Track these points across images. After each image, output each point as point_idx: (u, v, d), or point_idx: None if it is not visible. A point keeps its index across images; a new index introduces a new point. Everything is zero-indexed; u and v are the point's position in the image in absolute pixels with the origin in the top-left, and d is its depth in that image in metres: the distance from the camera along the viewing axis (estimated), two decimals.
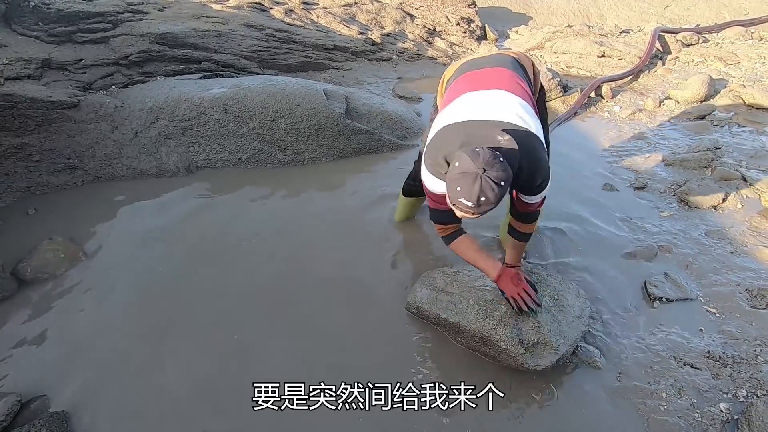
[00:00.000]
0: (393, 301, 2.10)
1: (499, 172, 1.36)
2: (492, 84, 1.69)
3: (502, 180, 1.36)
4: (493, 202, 1.38)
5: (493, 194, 1.36)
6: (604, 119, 3.91)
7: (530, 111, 1.66)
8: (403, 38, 5.36)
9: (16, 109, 2.79)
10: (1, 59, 3.04)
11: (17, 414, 1.59)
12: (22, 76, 3.05)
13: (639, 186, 2.93)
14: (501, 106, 1.60)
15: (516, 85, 1.71)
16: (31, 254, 2.26)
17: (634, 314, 2.06)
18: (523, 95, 1.69)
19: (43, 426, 1.50)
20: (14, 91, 2.81)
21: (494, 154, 1.38)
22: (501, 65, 1.80)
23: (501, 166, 1.37)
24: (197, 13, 4.33)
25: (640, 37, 5.22)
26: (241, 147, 3.15)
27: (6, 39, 3.33)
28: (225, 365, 1.82)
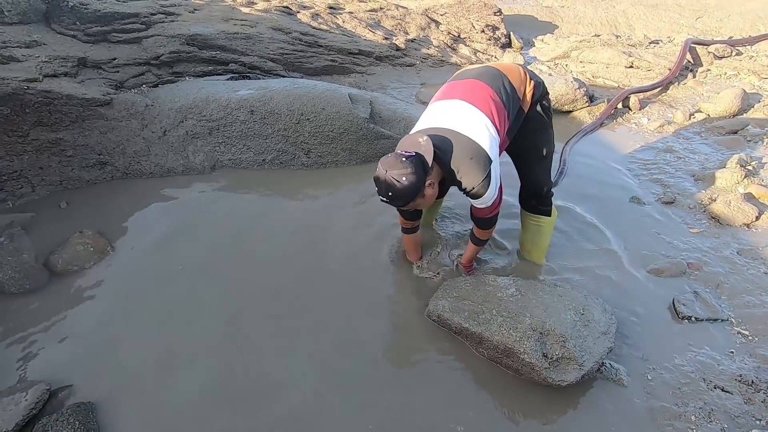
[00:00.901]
0: (413, 308, 2.09)
1: (399, 170, 1.60)
2: (457, 94, 1.84)
3: (403, 176, 1.60)
4: (402, 195, 1.62)
5: (395, 187, 1.61)
6: (632, 131, 3.83)
7: (485, 124, 1.75)
8: (428, 44, 5.37)
9: (53, 106, 2.88)
10: (41, 57, 3.15)
11: (46, 402, 1.63)
12: (59, 74, 3.15)
13: (667, 201, 2.86)
14: (453, 114, 1.78)
15: (483, 98, 1.80)
16: (63, 247, 2.32)
17: (661, 332, 2.00)
18: (485, 109, 1.78)
19: (70, 415, 1.53)
20: (52, 87, 2.90)
21: (398, 155, 1.63)
22: (480, 78, 1.87)
23: (402, 164, 1.60)
24: (226, 15, 4.42)
25: (670, 49, 5.12)
26: (266, 148, 3.19)
27: (45, 37, 3.45)
28: (243, 364, 1.84)
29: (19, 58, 3.01)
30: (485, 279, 2.07)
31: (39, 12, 3.63)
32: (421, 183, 1.64)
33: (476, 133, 1.72)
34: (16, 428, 1.54)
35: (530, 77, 1.96)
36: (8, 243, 2.19)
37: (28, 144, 2.83)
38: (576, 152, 3.40)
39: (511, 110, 1.88)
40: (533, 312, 1.81)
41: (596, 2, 7.01)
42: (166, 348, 1.90)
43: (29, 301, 2.10)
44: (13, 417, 1.54)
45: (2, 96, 2.68)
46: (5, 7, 3.34)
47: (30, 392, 1.61)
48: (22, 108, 2.77)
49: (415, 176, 1.61)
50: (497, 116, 1.80)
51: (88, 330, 1.97)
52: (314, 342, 1.94)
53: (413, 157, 1.63)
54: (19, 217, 2.57)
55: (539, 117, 2.01)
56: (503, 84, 1.87)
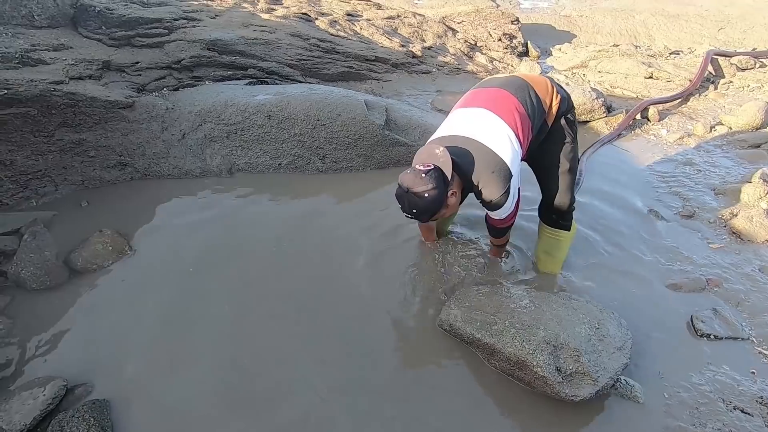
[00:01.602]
0: (425, 317, 2.08)
1: (420, 187, 1.62)
2: (480, 102, 1.82)
3: (425, 192, 1.62)
4: (426, 210, 1.66)
5: (418, 205, 1.65)
6: (650, 142, 3.78)
7: (509, 136, 1.74)
8: (444, 52, 5.38)
9: (77, 107, 2.96)
10: (67, 60, 3.24)
11: (62, 398, 1.66)
12: (84, 76, 3.23)
13: (686, 214, 2.81)
14: (475, 124, 1.77)
15: (507, 108, 1.78)
16: (83, 245, 2.38)
17: (679, 350, 1.96)
18: (509, 119, 1.76)
19: (86, 411, 1.56)
20: (77, 90, 2.99)
21: (417, 171, 1.64)
22: (505, 87, 1.85)
23: (423, 180, 1.62)
24: (246, 21, 4.50)
25: (691, 60, 5.04)
26: (282, 153, 3.23)
27: (72, 41, 3.56)
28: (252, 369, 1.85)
29: (47, 60, 3.11)
30: (498, 289, 2.05)
31: (67, 16, 3.74)
32: (443, 195, 1.66)
33: (499, 145, 1.71)
34: (34, 422, 1.57)
35: (557, 90, 1.94)
36: (31, 240, 2.25)
37: (53, 144, 2.91)
38: (593, 163, 3.37)
39: (536, 122, 1.86)
40: (547, 324, 1.79)
41: (615, 12, 6.96)
42: (178, 349, 1.92)
43: (49, 298, 2.15)
44: (30, 411, 1.58)
45: (30, 97, 2.76)
46: (35, 12, 3.45)
47: (48, 387, 1.65)
48: (48, 109, 2.85)
49: (437, 190, 1.63)
50: (521, 128, 1.78)
51: (104, 328, 2.01)
52: (322, 348, 1.94)
53: (432, 171, 1.64)
54: (42, 215, 2.64)
55: (563, 131, 1.98)
56: (529, 95, 1.85)
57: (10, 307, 2.11)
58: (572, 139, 2.02)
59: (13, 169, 2.79)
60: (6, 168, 2.76)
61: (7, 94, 2.69)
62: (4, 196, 2.75)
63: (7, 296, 2.16)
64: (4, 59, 2.87)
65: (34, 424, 1.57)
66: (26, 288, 2.18)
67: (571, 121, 2.00)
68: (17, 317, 2.05)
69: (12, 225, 2.53)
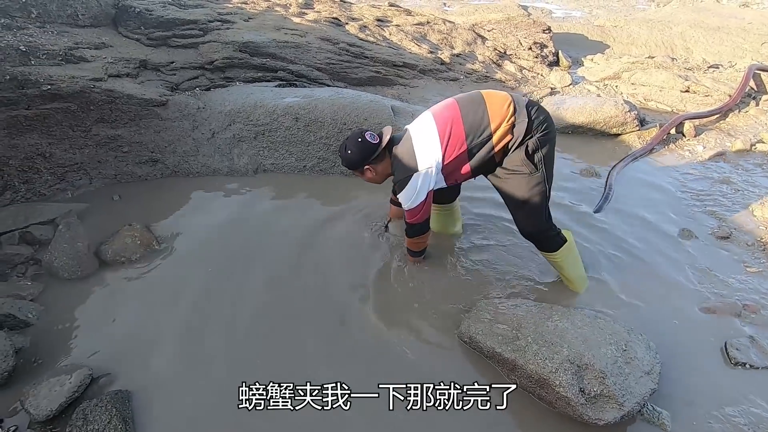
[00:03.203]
0: (445, 327, 2.05)
1: (351, 143, 2.07)
2: (432, 108, 2.08)
3: (349, 150, 2.07)
4: (343, 161, 2.14)
5: (343, 154, 2.11)
6: (685, 158, 3.65)
7: (433, 141, 1.95)
8: (473, 59, 5.35)
9: (114, 104, 3.07)
10: (107, 58, 3.36)
11: (87, 387, 1.71)
12: (122, 74, 3.35)
13: (722, 236, 2.69)
14: (418, 124, 2.06)
15: (445, 118, 1.96)
16: (113, 238, 2.45)
17: (711, 377, 1.87)
18: (441, 128, 1.95)
19: (109, 402, 1.60)
20: (115, 87, 3.09)
21: (362, 133, 2.07)
22: (459, 99, 2.02)
23: (356, 143, 2.05)
24: (278, 24, 4.58)
25: (731, 74, 4.86)
26: (308, 155, 3.26)
27: (113, 40, 3.69)
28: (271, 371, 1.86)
29: (88, 58, 3.23)
30: (521, 303, 2.01)
31: (109, 16, 3.89)
32: (359, 163, 2.07)
33: (421, 144, 1.98)
34: (60, 409, 1.61)
35: (514, 112, 1.87)
36: (65, 231, 2.33)
37: (90, 139, 3.02)
38: (623, 178, 3.27)
39: (473, 139, 1.92)
40: (571, 343, 1.74)
41: (652, 23, 6.77)
42: (197, 346, 1.94)
43: (79, 288, 2.22)
44: (57, 398, 1.62)
45: (71, 93, 2.88)
46: (80, 11, 3.60)
47: (74, 375, 1.69)
48: (87, 105, 2.96)
49: (356, 156, 2.06)
50: (449, 139, 1.94)
51: (127, 321, 2.06)
52: (339, 355, 1.93)
53: (366, 142, 2.03)
54: (76, 206, 2.74)
55: (518, 160, 1.92)
56: (476, 110, 1.92)
57: (43, 294, 2.19)
58: (531, 171, 1.93)
59: (52, 162, 2.90)
60: (45, 160, 2.87)
61: (50, 89, 2.80)
62: (42, 186, 2.86)
63: (41, 284, 2.24)
64: (49, 56, 3.00)
65: (60, 411, 1.62)
66: (58, 277, 2.25)
67: (534, 151, 1.90)
68: (49, 305, 2.13)
69: (48, 215, 2.63)
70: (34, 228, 2.52)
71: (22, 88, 2.73)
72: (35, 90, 2.76)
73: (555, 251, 2.12)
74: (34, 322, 2.02)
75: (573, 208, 2.88)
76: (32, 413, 1.58)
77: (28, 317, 2.01)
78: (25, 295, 2.15)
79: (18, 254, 2.36)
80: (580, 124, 3.91)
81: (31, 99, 2.76)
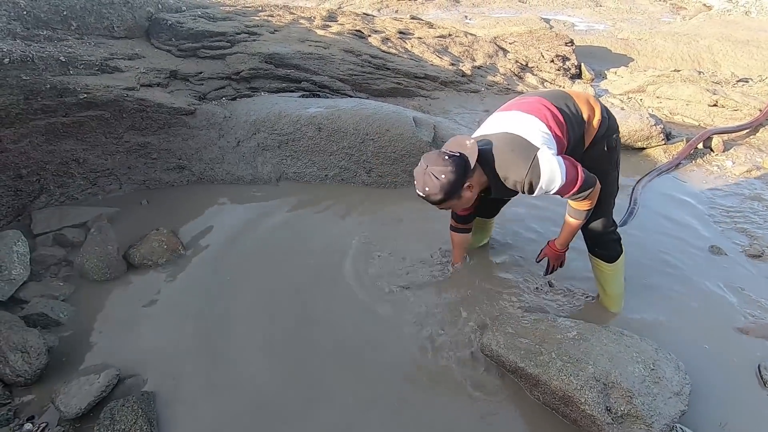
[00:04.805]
0: (466, 339, 2.03)
1: (439, 167, 1.61)
2: (514, 107, 1.81)
3: (442, 173, 1.61)
4: (437, 192, 1.63)
5: (432, 183, 1.62)
6: (713, 174, 3.56)
7: (538, 128, 1.68)
8: (494, 71, 5.36)
9: (145, 113, 3.17)
10: (140, 68, 3.49)
11: (115, 387, 1.75)
12: (153, 84, 3.47)
13: (754, 254, 2.61)
14: (505, 122, 1.76)
15: (540, 110, 1.74)
16: (141, 242, 2.52)
17: (743, 400, 1.80)
18: (541, 116, 1.72)
19: (135, 402, 1.63)
20: (146, 96, 3.20)
21: (441, 153, 1.65)
22: (543, 95, 1.83)
23: (444, 162, 1.61)
24: (303, 36, 4.68)
25: (761, 88, 4.74)
26: (330, 164, 3.30)
27: (145, 51, 3.83)
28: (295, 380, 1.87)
29: (122, 68, 3.36)
30: (545, 317, 1.98)
31: (142, 28, 4.04)
32: (459, 183, 1.64)
33: (523, 130, 1.67)
34: (88, 407, 1.65)
35: (600, 108, 1.86)
36: (97, 234, 2.41)
37: (121, 145, 3.13)
38: (649, 193, 3.21)
39: (572, 130, 1.77)
40: (597, 360, 1.70)
41: (678, 36, 6.68)
42: (221, 351, 1.97)
43: (108, 290, 2.29)
44: (86, 396, 1.66)
45: (106, 101, 2.99)
46: (115, 23, 3.75)
47: (102, 375, 1.74)
48: (120, 113, 3.07)
49: (454, 175, 1.61)
50: (555, 125, 1.72)
51: (154, 323, 2.10)
52: (356, 368, 1.92)
53: (456, 157, 1.63)
54: (107, 210, 2.83)
55: (602, 153, 1.89)
56: (566, 104, 1.80)
57: (75, 295, 2.26)
58: (611, 166, 1.93)
59: (86, 167, 3.01)
60: (79, 165, 2.99)
61: (87, 98, 2.92)
62: (75, 191, 2.97)
63: (73, 285, 2.31)
64: (86, 66, 3.13)
65: (89, 409, 1.66)
66: (89, 278, 2.32)
67: (613, 147, 1.91)
68: (80, 306, 2.19)
69: (81, 218, 2.73)
70: (68, 230, 2.62)
71: (61, 97, 2.86)
72: (73, 98, 2.89)
73: (614, 261, 2.03)
74: (64, 322, 2.08)
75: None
76: (62, 410, 1.63)
77: (59, 317, 2.08)
78: (58, 295, 2.22)
79: (52, 255, 2.44)
80: None
81: (68, 107, 2.88)
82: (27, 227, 2.61)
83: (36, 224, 2.61)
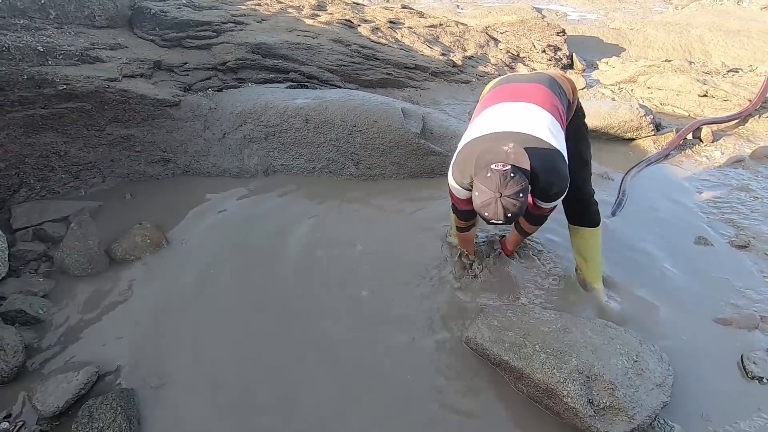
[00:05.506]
0: (452, 332, 2.02)
1: (513, 188, 1.51)
2: (524, 97, 1.79)
3: (519, 192, 1.52)
4: (519, 211, 1.55)
5: (515, 207, 1.53)
6: (702, 164, 3.56)
7: (557, 127, 1.74)
8: (485, 62, 5.31)
9: (128, 104, 3.11)
10: (122, 59, 3.41)
11: (94, 384, 1.72)
12: (137, 75, 3.39)
13: (740, 244, 2.61)
14: (529, 118, 1.71)
15: (548, 102, 1.78)
16: (123, 236, 2.48)
17: (726, 391, 1.81)
18: (553, 112, 1.76)
19: (114, 399, 1.61)
20: (129, 87, 3.13)
21: (503, 173, 1.51)
22: (538, 82, 1.87)
23: (513, 181, 1.51)
24: (291, 26, 4.60)
25: (752, 78, 4.73)
26: (317, 156, 3.26)
27: (128, 41, 3.74)
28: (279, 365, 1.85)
29: (103, 59, 3.28)
30: (530, 310, 1.97)
31: (125, 18, 3.95)
32: (528, 193, 1.58)
33: (556, 137, 1.69)
34: (66, 406, 1.63)
35: (572, 81, 2.01)
36: (77, 229, 2.36)
37: (104, 138, 3.06)
38: (638, 183, 3.20)
39: (567, 113, 1.90)
40: (580, 353, 1.70)
41: (669, 26, 6.65)
42: (205, 346, 1.95)
43: (89, 285, 2.25)
44: (64, 394, 1.64)
45: (87, 93, 2.92)
46: (96, 12, 3.66)
47: (81, 372, 1.71)
48: (102, 105, 3.01)
49: (527, 191, 1.56)
50: (560, 117, 1.80)
51: (137, 319, 2.08)
52: (339, 359, 1.91)
53: (518, 171, 1.53)
54: (89, 204, 2.78)
55: (580, 125, 2.04)
56: (561, 91, 1.90)
57: (54, 291, 2.22)
58: (586, 133, 2.08)
59: (67, 160, 2.95)
60: (60, 158, 2.92)
61: (66, 89, 2.85)
62: (57, 185, 2.91)
63: (53, 281, 2.27)
64: (65, 56, 3.05)
65: (67, 407, 1.63)
66: (69, 274, 2.29)
67: (583, 116, 2.06)
68: (60, 302, 2.16)
69: (62, 213, 2.68)
70: (48, 225, 2.57)
71: (39, 88, 2.78)
72: (51, 89, 2.81)
73: (599, 224, 2.09)
74: (44, 318, 2.05)
75: None
76: (39, 409, 1.60)
77: (38, 313, 2.04)
78: (37, 291, 2.18)
79: (31, 251, 2.40)
80: (593, 128, 3.83)
81: (47, 98, 2.81)
82: (6, 222, 2.56)
83: (15, 219, 2.56)
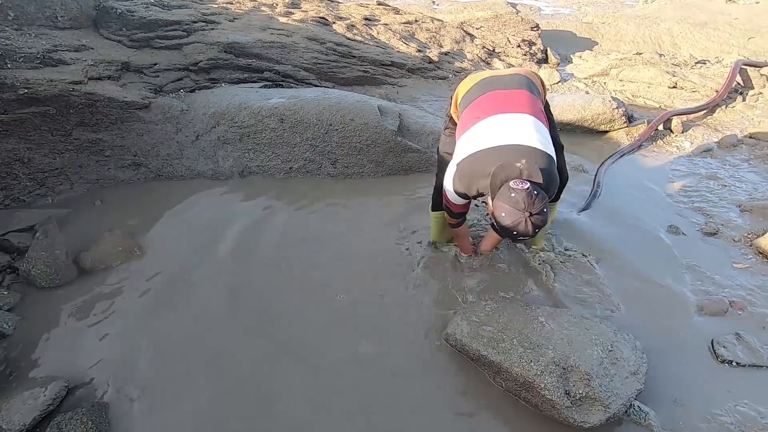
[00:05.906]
0: (432, 329, 2.02)
1: (539, 206, 1.55)
2: (517, 107, 1.83)
3: (544, 207, 1.57)
4: (544, 224, 1.61)
5: (542, 222, 1.58)
6: (672, 155, 3.65)
7: (546, 132, 1.82)
8: (461, 58, 5.32)
9: (95, 107, 3.01)
10: (87, 60, 3.30)
11: (63, 399, 1.66)
12: (103, 77, 3.28)
13: (709, 232, 2.69)
14: (526, 130, 1.76)
15: (537, 109, 1.85)
16: (93, 244, 2.40)
17: (697, 376, 1.86)
18: (540, 117, 1.83)
19: (84, 414, 1.56)
20: (95, 90, 3.03)
21: (528, 192, 1.55)
22: (521, 87, 1.91)
23: (538, 199, 1.55)
24: (264, 24, 4.52)
25: (718, 70, 4.87)
26: (294, 156, 3.22)
27: (93, 42, 3.62)
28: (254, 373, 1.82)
29: (67, 61, 3.16)
30: (508, 304, 1.99)
31: (89, 18, 3.82)
32: None
33: (548, 145, 1.76)
34: (33, 423, 1.57)
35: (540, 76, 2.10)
36: (43, 238, 2.28)
37: (70, 143, 2.96)
38: (611, 175, 3.26)
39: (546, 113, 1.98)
40: (557, 345, 1.72)
41: (639, 19, 6.79)
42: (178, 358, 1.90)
43: (57, 297, 2.17)
44: (31, 411, 1.58)
45: (49, 97, 2.82)
46: (59, 13, 3.53)
47: (49, 388, 1.65)
48: (66, 108, 2.90)
49: (548, 204, 1.61)
50: (544, 119, 1.87)
51: (108, 331, 2.01)
52: (321, 357, 1.90)
53: (537, 187, 1.58)
54: (56, 212, 2.68)
55: (549, 113, 2.10)
56: (536, 87, 1.98)
57: (20, 304, 2.14)
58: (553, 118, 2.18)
59: (31, 167, 2.84)
60: (24, 165, 2.81)
61: (27, 93, 2.74)
62: (21, 193, 2.80)
63: (18, 293, 2.18)
64: (26, 59, 2.93)
65: (34, 425, 1.57)
66: (35, 285, 2.20)
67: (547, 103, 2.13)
68: (26, 315, 2.08)
69: (28, 222, 2.58)
70: (12, 236, 2.47)
71: None
72: (12, 94, 2.70)
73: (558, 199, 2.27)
74: (10, 333, 1.97)
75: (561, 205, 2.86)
76: (4, 428, 1.54)
77: (3, 328, 1.96)
78: (2, 305, 2.09)
79: None
80: (568, 121, 3.90)
81: (7, 103, 2.69)
82: None
83: None
